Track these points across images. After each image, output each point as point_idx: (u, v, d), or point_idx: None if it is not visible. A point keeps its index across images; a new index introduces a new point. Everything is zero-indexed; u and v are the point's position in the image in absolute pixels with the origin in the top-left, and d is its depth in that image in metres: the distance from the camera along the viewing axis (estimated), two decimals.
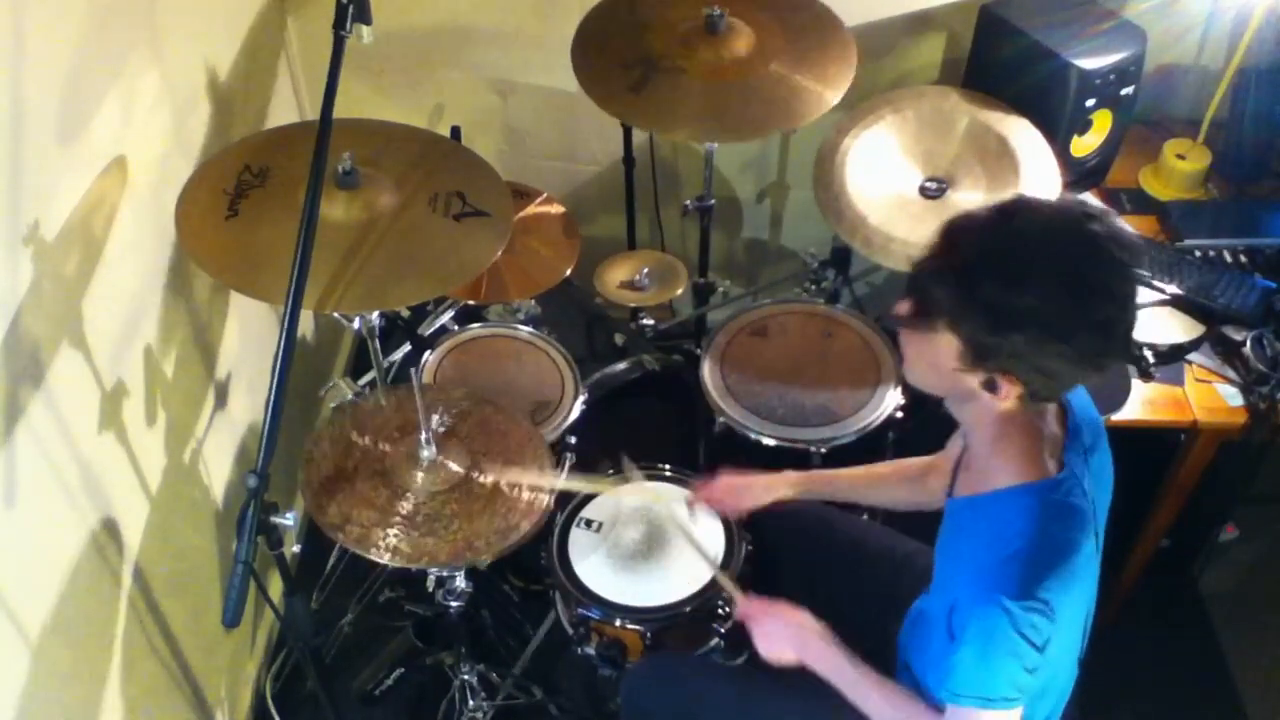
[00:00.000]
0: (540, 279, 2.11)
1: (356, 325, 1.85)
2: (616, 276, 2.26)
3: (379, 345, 1.91)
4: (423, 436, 1.65)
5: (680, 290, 2.24)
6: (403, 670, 2.18)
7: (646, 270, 2.25)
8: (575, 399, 2.07)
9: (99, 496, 1.61)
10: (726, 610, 1.77)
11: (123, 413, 1.68)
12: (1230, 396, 1.93)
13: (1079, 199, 1.23)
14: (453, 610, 1.83)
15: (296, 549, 1.76)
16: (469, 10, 2.41)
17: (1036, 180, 1.97)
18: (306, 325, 2.61)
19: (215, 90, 2.01)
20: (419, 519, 1.61)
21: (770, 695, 1.63)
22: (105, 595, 1.64)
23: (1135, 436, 1.85)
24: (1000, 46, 2.17)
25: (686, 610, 1.74)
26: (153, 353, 1.79)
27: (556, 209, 2.25)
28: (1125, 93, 2.09)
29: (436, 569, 1.73)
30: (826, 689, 1.50)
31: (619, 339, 2.57)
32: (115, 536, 1.67)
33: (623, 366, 2.36)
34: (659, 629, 1.75)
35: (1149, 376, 1.96)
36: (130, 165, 1.68)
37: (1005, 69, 2.15)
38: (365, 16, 1.55)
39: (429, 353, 2.15)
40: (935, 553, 1.48)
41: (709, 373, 2.07)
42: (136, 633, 1.74)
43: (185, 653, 1.92)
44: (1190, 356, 1.98)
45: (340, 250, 1.57)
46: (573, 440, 2.06)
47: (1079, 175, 2.17)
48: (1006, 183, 1.98)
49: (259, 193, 1.64)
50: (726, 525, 1.85)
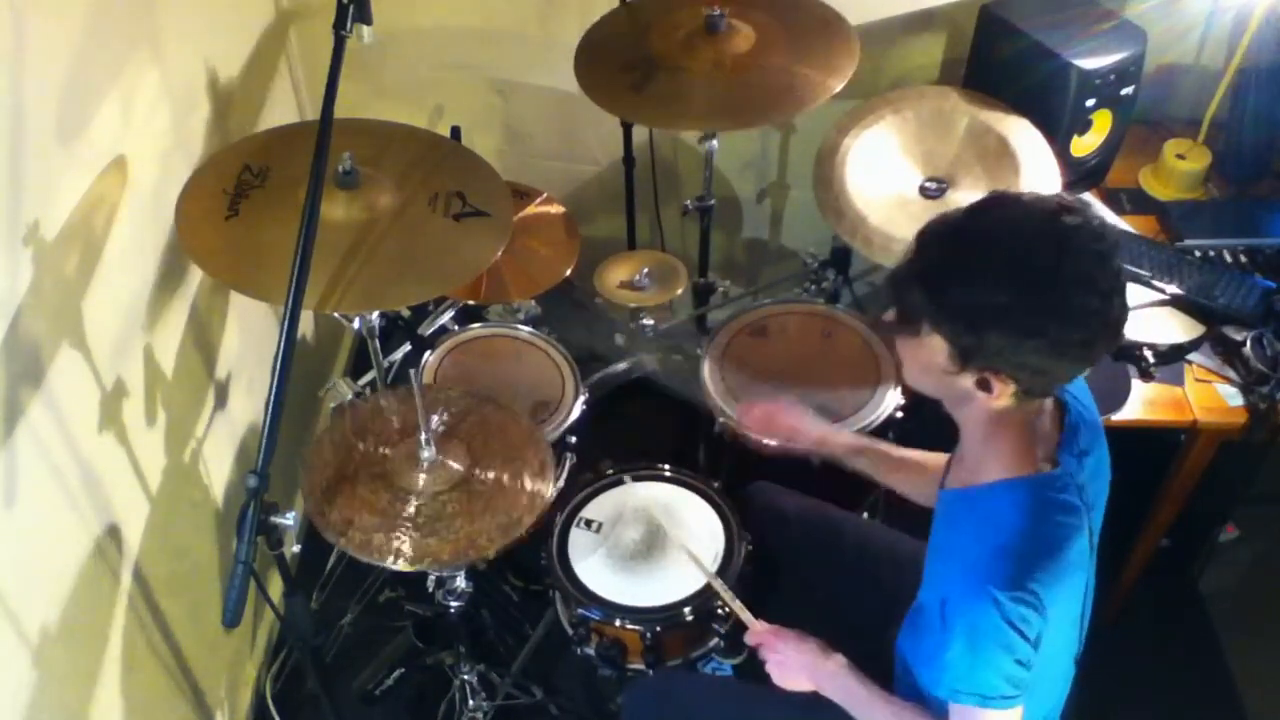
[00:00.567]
0: (540, 279, 2.11)
1: (356, 325, 1.85)
2: (616, 276, 2.26)
3: (379, 345, 1.92)
4: (422, 437, 1.65)
5: (680, 290, 2.24)
6: (403, 670, 2.18)
7: (646, 270, 2.25)
8: (575, 399, 2.06)
9: (99, 496, 1.61)
10: (726, 610, 1.77)
11: (123, 413, 1.68)
12: (1230, 396, 1.93)
13: (1055, 193, 1.22)
14: (453, 610, 1.83)
15: (296, 549, 1.76)
16: (469, 10, 2.42)
17: (1037, 180, 1.97)
18: (306, 325, 2.61)
19: (215, 90, 2.01)
20: (420, 520, 1.60)
21: (771, 709, 1.63)
22: (105, 595, 1.64)
23: (1135, 436, 1.85)
24: (1000, 46, 2.17)
25: (686, 610, 1.74)
26: (153, 353, 1.79)
27: (556, 209, 2.25)
28: (1125, 93, 2.08)
29: (439, 569, 1.72)
30: (827, 700, 1.51)
31: (619, 339, 2.57)
32: (115, 536, 1.67)
33: (623, 366, 2.36)
34: (659, 629, 1.75)
35: (1149, 376, 1.96)
36: (130, 165, 1.68)
37: (1005, 69, 2.15)
38: (365, 16, 1.55)
39: (429, 353, 2.15)
40: (927, 546, 1.48)
41: (709, 373, 2.07)
42: (136, 633, 1.74)
43: (185, 653, 1.92)
44: (1190, 356, 1.98)
45: (340, 250, 1.57)
46: (573, 440, 2.06)
47: (1079, 175, 2.17)
48: (1007, 183, 1.97)
49: (259, 193, 1.64)
50: (726, 525, 1.85)
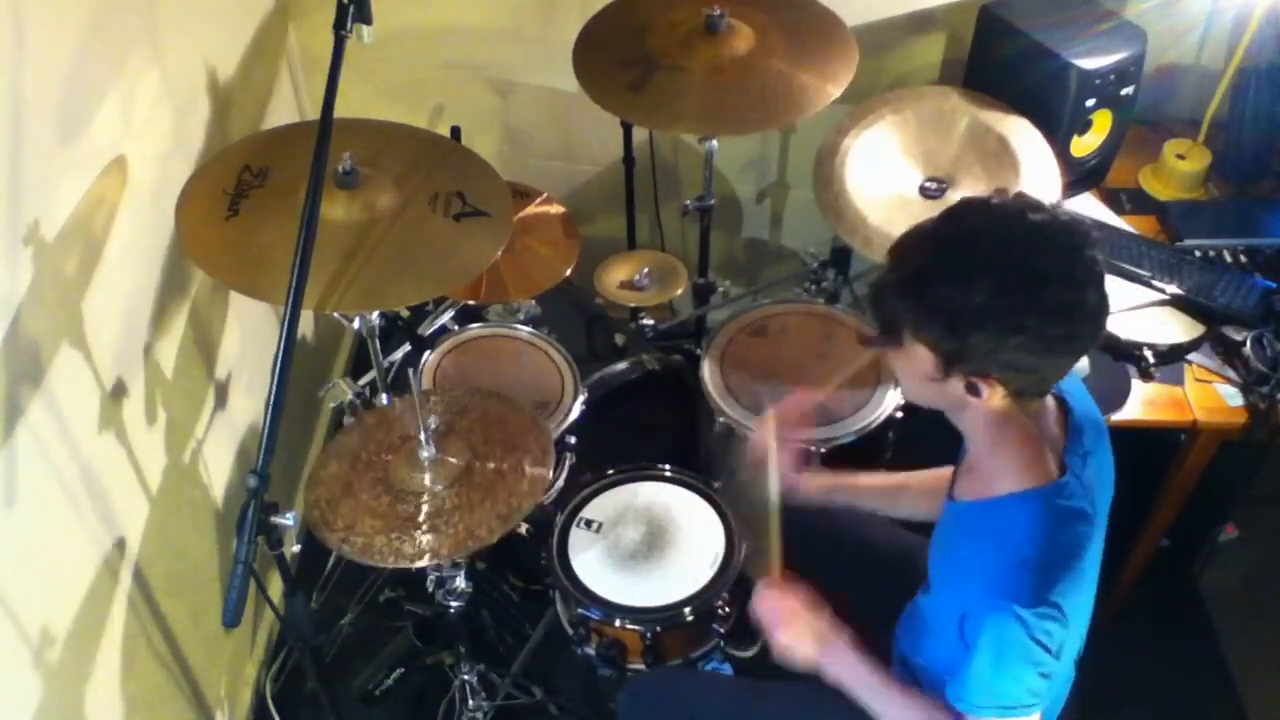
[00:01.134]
0: (540, 279, 2.11)
1: (356, 325, 1.85)
2: (616, 276, 2.26)
3: (379, 345, 1.92)
4: (421, 436, 1.65)
5: (680, 290, 2.24)
6: (403, 670, 2.18)
7: (646, 270, 2.25)
8: (575, 399, 2.06)
9: (99, 496, 1.61)
10: (727, 610, 1.77)
11: (123, 413, 1.68)
12: (1230, 396, 1.93)
13: (1020, 193, 1.22)
14: (453, 610, 1.83)
15: (296, 549, 1.76)
16: (469, 10, 2.42)
17: (1037, 180, 1.97)
18: (306, 325, 2.61)
19: (215, 90, 2.01)
20: (422, 519, 1.60)
21: (770, 707, 1.63)
22: (105, 595, 1.64)
23: (1135, 436, 1.85)
24: (1000, 46, 2.17)
25: (686, 610, 1.74)
26: (153, 353, 1.79)
27: (556, 209, 2.25)
28: (1125, 93, 2.09)
29: (440, 564, 1.72)
30: (826, 698, 1.50)
31: (619, 339, 2.57)
32: (115, 536, 1.67)
33: (623, 366, 2.36)
34: (659, 629, 1.75)
35: (1149, 376, 1.96)
36: (130, 165, 1.68)
37: (1005, 69, 2.15)
38: (366, 16, 1.55)
39: (429, 353, 2.15)
40: (930, 551, 1.47)
41: (709, 373, 2.07)
42: (136, 633, 1.74)
43: (185, 653, 1.92)
44: (1190, 356, 1.98)
45: (340, 250, 1.57)
46: (573, 440, 2.06)
47: (1079, 175, 2.17)
48: (1006, 183, 1.97)
49: (259, 193, 1.64)
50: (726, 525, 1.85)
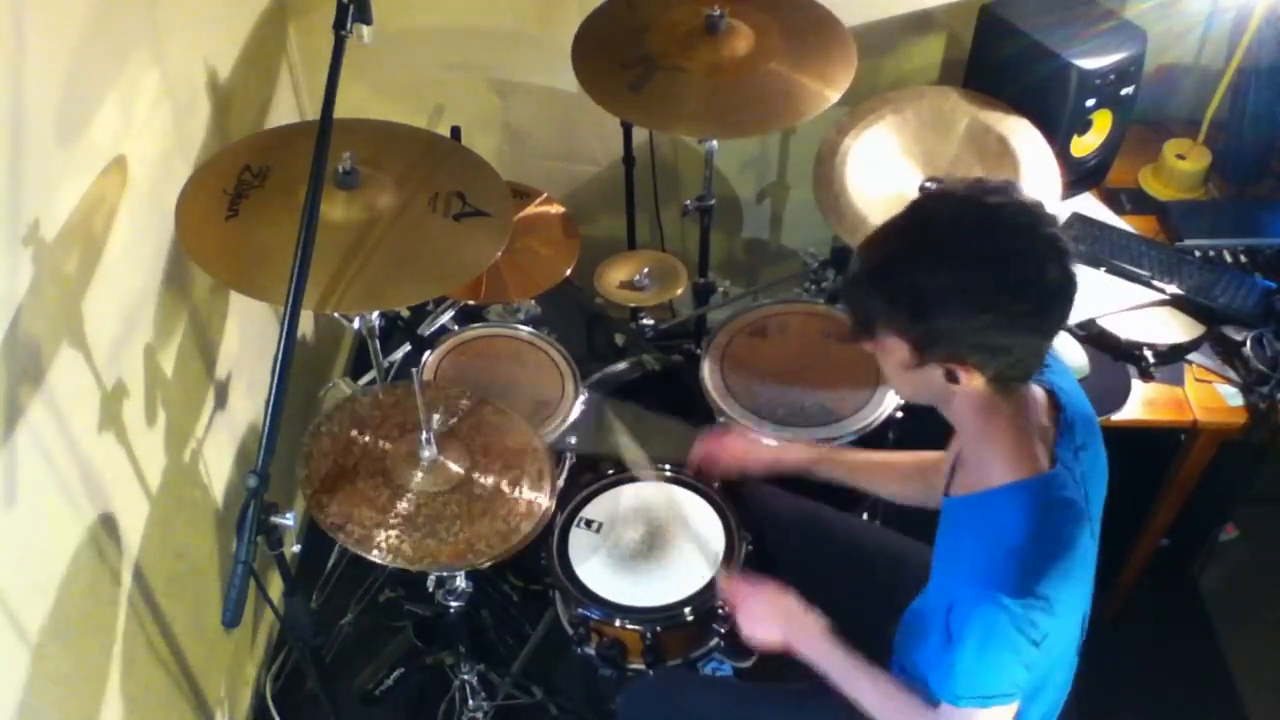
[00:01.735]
0: (540, 279, 2.11)
1: (356, 325, 1.85)
2: (616, 276, 2.26)
3: (379, 345, 1.92)
4: (423, 436, 1.65)
5: (680, 290, 2.24)
6: (403, 670, 2.18)
7: (646, 270, 2.25)
8: (575, 399, 2.07)
9: (99, 496, 1.61)
10: (726, 610, 1.77)
11: (123, 413, 1.68)
12: (1230, 396, 1.93)
13: (979, 178, 1.29)
14: (453, 610, 1.83)
15: (296, 549, 1.76)
16: (469, 10, 2.41)
17: (1036, 180, 1.97)
18: (306, 325, 2.61)
19: (215, 90, 2.01)
20: (420, 519, 1.60)
21: (769, 708, 1.63)
22: (105, 595, 1.64)
23: (1135, 436, 1.85)
24: (1000, 46, 2.17)
25: (686, 610, 1.74)
26: (153, 353, 1.79)
27: (556, 209, 2.25)
28: (1125, 93, 2.09)
29: (438, 570, 1.72)
30: (826, 701, 1.50)
31: (619, 339, 2.57)
32: (115, 536, 1.67)
33: (623, 366, 2.36)
34: (659, 629, 1.75)
35: (1149, 376, 1.96)
36: (130, 165, 1.68)
37: (1005, 69, 2.15)
38: (366, 16, 1.55)
39: (429, 353, 2.15)
40: (933, 553, 1.48)
41: (709, 373, 2.07)
42: (136, 633, 1.74)
43: (185, 653, 1.92)
44: (1190, 356, 1.98)
45: (340, 250, 1.58)
46: (572, 440, 2.06)
47: (1079, 175, 2.17)
48: None
49: (259, 193, 1.64)
50: (726, 525, 1.85)
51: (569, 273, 2.12)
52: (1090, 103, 2.05)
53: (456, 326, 2.24)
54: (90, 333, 1.57)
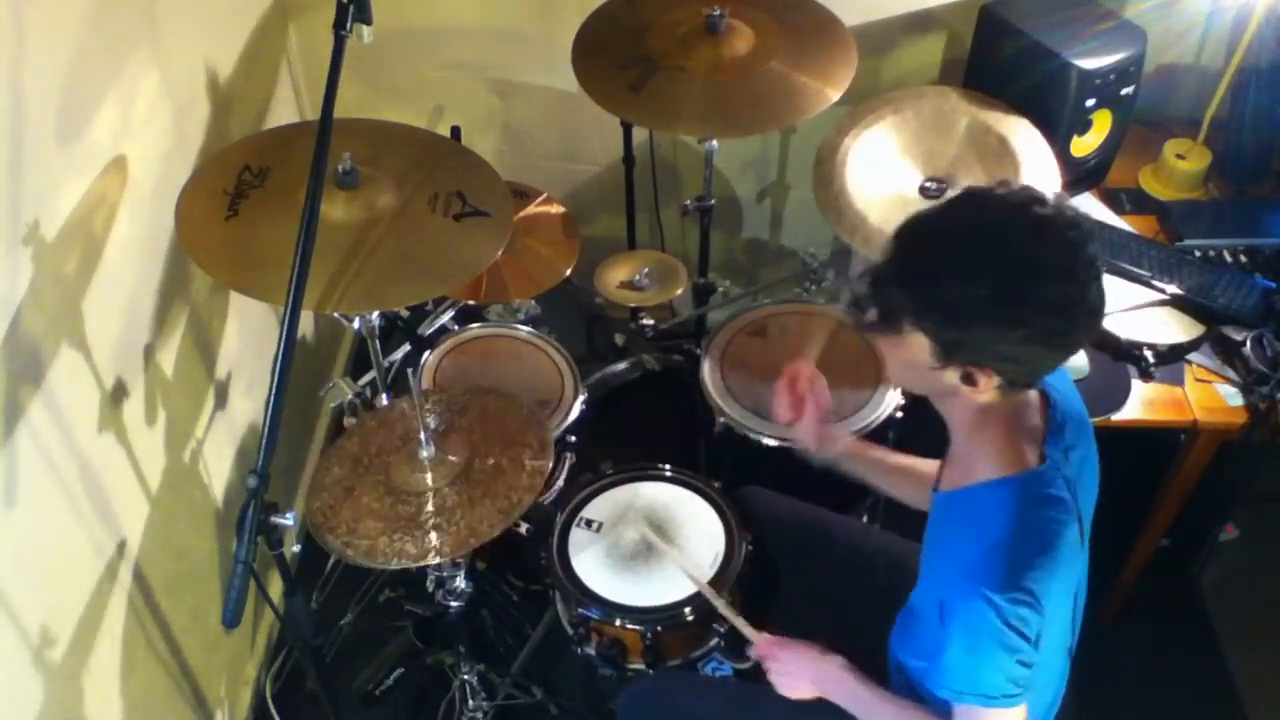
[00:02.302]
0: (540, 279, 2.11)
1: (356, 325, 1.85)
2: (616, 276, 2.26)
3: (379, 345, 1.92)
4: (421, 436, 1.65)
5: (680, 290, 2.24)
6: (403, 670, 2.18)
7: (646, 270, 2.25)
8: (575, 399, 2.06)
9: (99, 496, 1.61)
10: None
11: (123, 413, 1.68)
12: (1230, 396, 1.93)
13: (1027, 186, 1.25)
14: (453, 610, 1.83)
15: (296, 549, 1.76)
16: (469, 10, 2.41)
17: (1037, 180, 1.96)
18: (306, 325, 2.61)
19: (215, 90, 2.01)
20: (423, 518, 1.60)
21: (769, 710, 1.63)
22: (105, 595, 1.64)
23: (1135, 436, 1.86)
24: (1000, 46, 2.17)
25: (687, 610, 1.74)
26: (153, 353, 1.79)
27: (556, 209, 2.25)
28: (1125, 93, 2.08)
29: (441, 563, 1.72)
30: (827, 702, 1.51)
31: (619, 339, 2.57)
32: (115, 536, 1.67)
33: (623, 366, 2.36)
34: (659, 629, 1.75)
35: (1149, 376, 1.96)
36: (130, 165, 1.68)
37: (1005, 69, 2.15)
38: (366, 16, 1.55)
39: (429, 353, 2.15)
40: (923, 548, 1.48)
41: (709, 373, 2.07)
42: (136, 633, 1.74)
43: (185, 653, 1.92)
44: (1190, 356, 1.98)
45: (340, 250, 1.57)
46: (573, 440, 2.06)
47: (1079, 175, 2.17)
48: None
49: (259, 193, 1.64)
50: (727, 525, 1.85)
51: (569, 273, 2.12)
52: (1090, 103, 2.05)
53: (456, 326, 2.24)
54: (90, 333, 1.57)
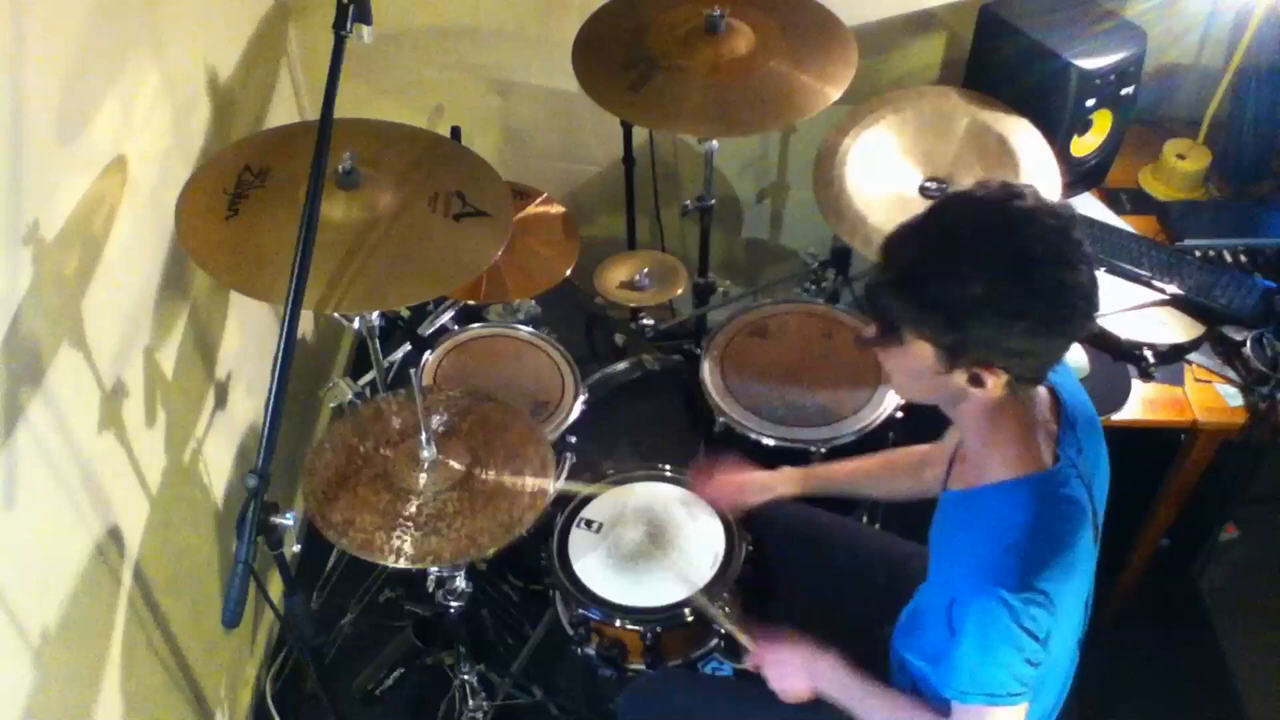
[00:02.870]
0: (540, 279, 2.11)
1: (356, 325, 1.85)
2: (616, 276, 2.26)
3: (379, 345, 1.92)
4: (423, 437, 1.65)
5: (680, 290, 2.24)
6: (403, 670, 2.18)
7: (646, 270, 2.25)
8: (575, 399, 2.06)
9: (99, 496, 1.61)
10: (727, 610, 1.77)
11: (123, 413, 1.68)
12: (1230, 396, 1.93)
13: (1003, 183, 1.26)
14: (453, 610, 1.83)
15: (296, 549, 1.76)
16: (469, 10, 2.42)
17: (1037, 180, 1.96)
18: (306, 325, 2.61)
19: (215, 90, 2.01)
20: (422, 519, 1.60)
21: (769, 709, 1.63)
22: (105, 595, 1.64)
23: (1135, 436, 1.85)
24: (1000, 46, 2.17)
25: (687, 610, 1.74)
26: (153, 353, 1.79)
27: (556, 209, 2.25)
28: (1125, 93, 2.09)
29: (440, 568, 1.72)
30: (826, 702, 1.51)
31: (619, 339, 2.57)
32: (115, 536, 1.67)
33: (623, 366, 2.36)
34: (659, 629, 1.75)
35: (1149, 376, 1.96)
36: (130, 165, 1.68)
37: (1005, 69, 2.15)
38: (365, 16, 1.55)
39: (429, 353, 2.15)
40: (930, 545, 1.48)
41: (709, 373, 2.07)
42: (136, 633, 1.74)
43: (185, 653, 1.92)
44: (1190, 356, 1.98)
45: (340, 250, 1.58)
46: (573, 440, 2.06)
47: (1079, 175, 2.17)
48: None
49: (259, 193, 1.64)
50: (727, 525, 1.85)
51: (569, 273, 2.12)
52: (1090, 103, 2.05)
53: (456, 326, 2.24)
54: (90, 333, 1.57)
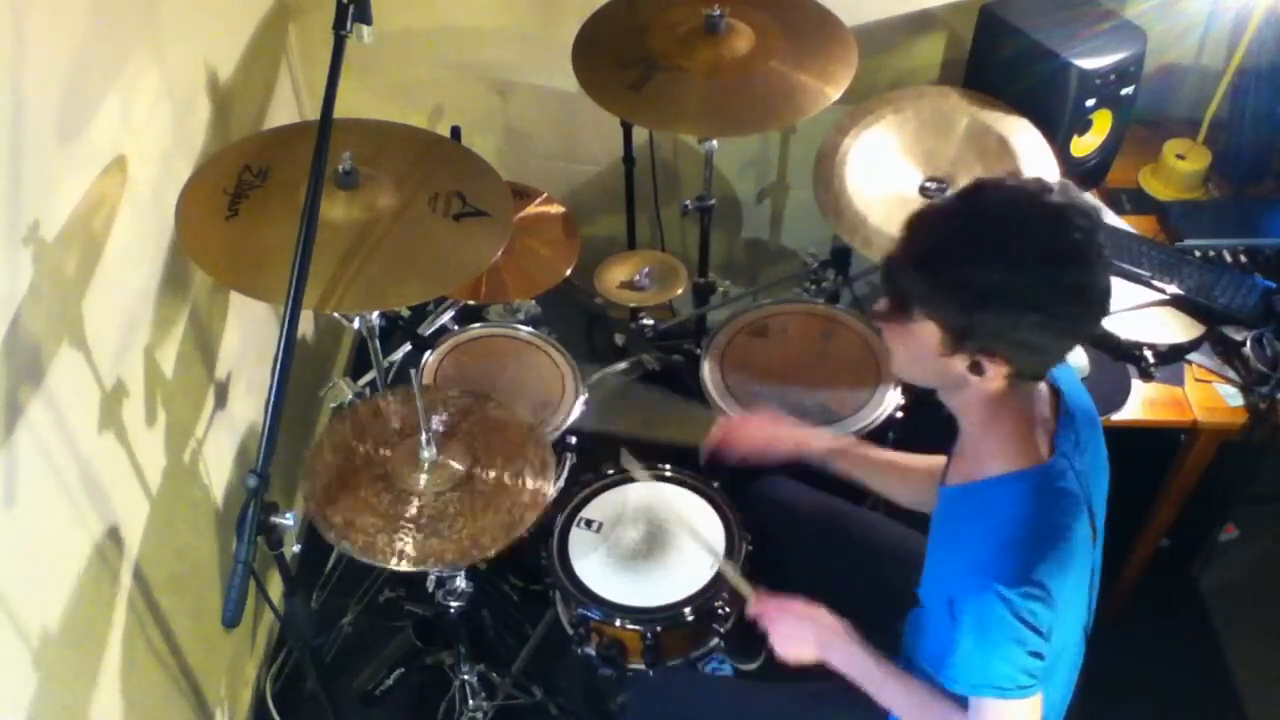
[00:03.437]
0: (540, 279, 2.11)
1: (356, 325, 1.85)
2: (616, 276, 2.26)
3: (379, 345, 1.92)
4: (423, 437, 1.65)
5: (680, 290, 2.24)
6: (403, 670, 2.18)
7: (646, 270, 2.25)
8: (575, 399, 2.07)
9: (99, 496, 1.61)
10: (727, 610, 1.77)
11: (123, 413, 1.68)
12: (1230, 396, 1.93)
13: (1036, 176, 1.26)
14: (453, 610, 1.83)
15: (296, 549, 1.76)
16: (469, 10, 2.42)
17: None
18: (306, 325, 2.61)
19: (215, 90, 2.01)
20: (423, 520, 1.60)
21: (772, 709, 1.63)
22: (105, 595, 1.64)
23: (1135, 436, 1.85)
24: (1000, 46, 2.17)
25: (687, 610, 1.74)
26: (153, 353, 1.79)
27: (556, 209, 2.25)
28: (1125, 93, 2.09)
29: (442, 569, 1.72)
30: (828, 702, 1.50)
31: (619, 339, 2.57)
32: (115, 536, 1.67)
33: (623, 366, 2.36)
34: (659, 629, 1.75)
35: (1149, 376, 1.96)
36: (130, 165, 1.68)
37: (1005, 69, 2.15)
38: (365, 16, 1.55)
39: (429, 353, 2.15)
40: (928, 540, 1.47)
41: (709, 373, 2.07)
42: (136, 633, 1.74)
43: (185, 653, 1.92)
44: (1190, 356, 1.98)
45: (340, 250, 1.58)
46: (573, 440, 2.06)
47: (1079, 175, 2.17)
48: None
49: (259, 193, 1.64)
50: (727, 525, 1.85)
51: (569, 273, 2.12)
52: (1090, 103, 2.05)
53: (456, 326, 2.24)
54: (90, 333, 1.57)
